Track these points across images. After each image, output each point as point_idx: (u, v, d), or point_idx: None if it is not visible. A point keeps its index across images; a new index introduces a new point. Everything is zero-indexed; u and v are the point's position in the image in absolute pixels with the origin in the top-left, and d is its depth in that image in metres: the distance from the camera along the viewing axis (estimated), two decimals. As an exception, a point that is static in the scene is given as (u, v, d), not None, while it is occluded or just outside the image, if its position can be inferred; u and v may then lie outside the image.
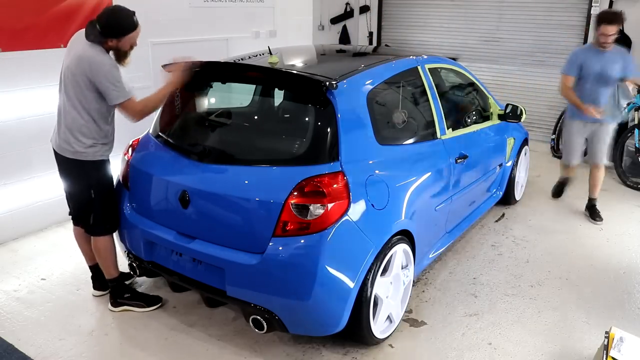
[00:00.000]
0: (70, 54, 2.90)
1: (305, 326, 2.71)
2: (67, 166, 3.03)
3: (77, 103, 2.87)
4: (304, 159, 2.68)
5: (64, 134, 2.95)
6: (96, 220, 3.08)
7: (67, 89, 2.89)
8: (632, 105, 5.82)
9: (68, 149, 2.95)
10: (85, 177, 3.02)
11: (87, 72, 2.79)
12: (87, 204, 3.06)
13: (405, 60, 3.44)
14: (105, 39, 2.84)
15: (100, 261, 3.17)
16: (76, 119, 2.90)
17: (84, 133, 2.92)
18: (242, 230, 2.65)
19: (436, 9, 7.83)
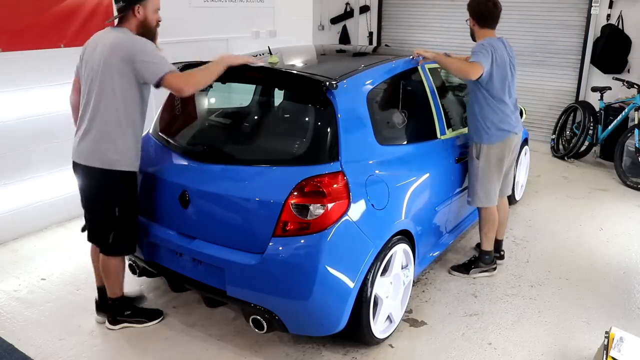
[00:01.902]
0: (96, 50, 2.68)
1: (305, 326, 2.71)
2: (93, 178, 2.75)
3: (116, 99, 2.63)
4: (304, 159, 2.68)
5: (93, 142, 2.68)
6: (116, 240, 2.83)
7: (98, 87, 2.64)
8: (632, 106, 5.83)
9: (98, 157, 2.68)
10: (113, 190, 2.76)
11: (124, 55, 2.57)
12: (109, 222, 2.80)
13: (405, 60, 3.44)
14: (131, 10, 2.66)
15: (109, 281, 2.95)
16: (110, 121, 2.65)
17: (120, 136, 2.68)
18: (242, 230, 2.65)
19: (436, 9, 7.83)
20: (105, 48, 2.63)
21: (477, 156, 3.51)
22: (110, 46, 2.62)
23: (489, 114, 3.41)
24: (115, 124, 2.67)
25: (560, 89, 7.11)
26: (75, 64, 4.12)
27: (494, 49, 3.32)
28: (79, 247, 3.99)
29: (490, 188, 3.54)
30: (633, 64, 6.43)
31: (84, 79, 2.75)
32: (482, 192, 3.55)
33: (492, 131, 3.43)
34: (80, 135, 2.75)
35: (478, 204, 3.61)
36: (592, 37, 6.67)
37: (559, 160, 6.52)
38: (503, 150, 3.50)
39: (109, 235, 2.83)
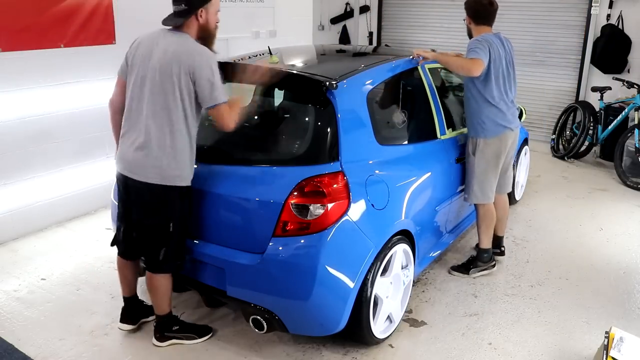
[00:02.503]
0: (152, 55, 2.49)
1: (305, 326, 2.71)
2: (151, 194, 2.57)
3: (175, 113, 2.47)
4: (304, 159, 2.68)
5: (151, 157, 2.50)
6: (167, 257, 2.68)
7: (155, 97, 2.47)
8: (632, 106, 5.83)
9: (157, 173, 2.51)
10: (170, 207, 2.61)
11: (189, 67, 2.42)
12: (162, 238, 2.65)
13: (405, 60, 3.44)
14: (194, 12, 2.49)
15: (156, 299, 2.81)
16: (170, 134, 2.49)
17: (179, 150, 2.52)
18: (242, 230, 2.65)
19: (436, 9, 7.83)
20: (166, 55, 2.46)
21: (472, 152, 3.51)
22: (172, 54, 2.45)
23: (484, 108, 3.41)
24: (176, 139, 2.51)
25: (560, 89, 7.11)
26: (74, 64, 4.19)
27: (489, 44, 3.31)
28: (79, 247, 3.99)
29: (486, 184, 3.53)
30: (633, 64, 6.43)
31: (133, 83, 2.56)
32: (477, 188, 3.55)
33: (488, 125, 3.43)
34: (131, 147, 2.55)
35: (474, 201, 3.61)
36: (592, 37, 6.67)
37: (559, 160, 6.52)
38: (499, 146, 3.48)
39: (159, 251, 2.67)
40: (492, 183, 3.56)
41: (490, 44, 3.32)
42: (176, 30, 2.56)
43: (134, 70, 2.56)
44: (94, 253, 3.89)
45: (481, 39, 3.34)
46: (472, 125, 3.50)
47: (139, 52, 2.58)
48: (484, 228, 3.68)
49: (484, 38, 3.35)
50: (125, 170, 2.61)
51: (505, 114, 3.46)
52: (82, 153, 4.42)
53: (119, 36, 4.41)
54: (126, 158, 2.59)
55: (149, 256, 2.73)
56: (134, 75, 2.56)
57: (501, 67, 3.38)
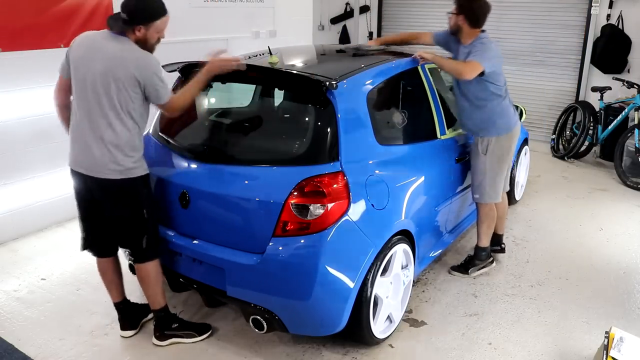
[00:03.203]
0: (95, 57, 2.53)
1: (305, 326, 2.71)
2: (113, 190, 2.64)
3: (122, 112, 2.54)
4: (304, 159, 2.68)
5: (106, 153, 2.56)
6: (150, 243, 2.75)
7: (103, 98, 2.52)
8: (632, 106, 5.83)
9: (115, 168, 2.58)
10: (137, 196, 2.68)
11: (134, 70, 2.49)
12: (139, 228, 2.72)
13: (405, 60, 3.44)
14: (132, 28, 2.53)
15: (149, 290, 2.84)
16: (121, 132, 2.56)
17: (133, 146, 2.61)
18: (242, 230, 2.65)
19: (436, 9, 7.82)
20: (111, 60, 2.51)
21: (484, 151, 3.51)
22: (115, 59, 2.50)
23: (497, 106, 3.44)
24: (128, 137, 2.58)
25: (560, 89, 7.11)
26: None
27: (495, 44, 3.37)
28: (79, 247, 3.98)
29: (499, 182, 3.58)
30: (633, 64, 6.43)
31: (77, 84, 2.60)
32: (491, 188, 3.56)
33: (500, 123, 3.47)
34: (85, 147, 2.60)
35: (487, 200, 3.60)
36: (592, 37, 6.67)
37: (559, 160, 6.52)
38: (510, 142, 3.55)
39: (141, 240, 2.73)
40: (502, 180, 3.62)
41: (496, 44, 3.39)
42: (119, 34, 2.58)
43: (78, 71, 2.58)
44: (94, 253, 3.89)
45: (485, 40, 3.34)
46: (482, 126, 3.49)
47: (80, 54, 2.59)
48: (484, 227, 3.69)
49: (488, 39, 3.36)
50: (84, 169, 2.64)
51: (510, 107, 3.56)
52: (82, 153, 4.41)
53: (119, 36, 4.41)
54: (82, 158, 2.63)
55: (133, 248, 2.81)
56: (78, 76, 2.58)
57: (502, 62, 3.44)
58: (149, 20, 2.55)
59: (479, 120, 3.50)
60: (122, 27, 2.55)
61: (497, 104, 3.45)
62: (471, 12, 3.36)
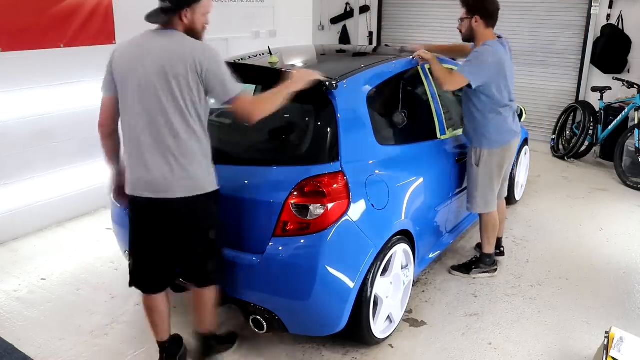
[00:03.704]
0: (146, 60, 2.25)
1: (305, 326, 2.71)
2: (182, 210, 2.33)
3: (188, 114, 2.25)
4: (304, 159, 2.68)
5: (175, 167, 2.26)
6: (214, 266, 2.50)
7: (165, 102, 2.23)
8: (632, 106, 5.83)
9: (186, 184, 2.29)
10: (207, 215, 2.41)
11: (196, 65, 2.20)
12: (206, 250, 2.45)
13: (405, 60, 3.44)
14: (178, 13, 2.26)
15: (207, 314, 2.61)
16: (190, 139, 2.27)
17: (205, 154, 2.33)
18: (242, 230, 2.65)
19: (436, 9, 7.83)
20: (167, 56, 2.23)
21: (476, 162, 3.44)
22: (170, 54, 2.23)
23: (491, 119, 3.34)
24: (196, 143, 2.29)
25: (560, 89, 7.11)
26: (74, 64, 4.19)
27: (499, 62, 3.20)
28: (79, 247, 3.99)
29: (489, 194, 3.50)
30: (633, 64, 6.43)
31: (128, 96, 2.29)
32: (481, 199, 3.51)
33: (493, 136, 3.37)
34: (147, 166, 2.28)
35: (477, 210, 3.58)
36: (592, 37, 6.67)
37: (559, 160, 6.52)
38: (504, 156, 3.45)
39: (206, 264, 2.48)
40: (494, 192, 3.53)
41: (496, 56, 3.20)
42: (165, 29, 2.32)
43: (127, 83, 2.29)
44: (94, 253, 3.89)
45: (486, 52, 3.19)
46: (476, 136, 3.42)
47: (126, 63, 2.31)
48: (486, 235, 3.66)
49: (491, 50, 3.20)
50: (150, 191, 2.30)
51: (510, 120, 3.42)
52: (82, 153, 4.41)
53: (119, 36, 4.41)
54: (145, 180, 2.30)
55: (196, 272, 2.52)
56: (129, 88, 2.29)
57: (505, 74, 3.29)
58: (191, 2, 2.27)
59: (474, 128, 3.43)
60: (166, 18, 2.29)
61: (492, 117, 3.33)
62: (484, 10, 3.25)
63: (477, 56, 3.21)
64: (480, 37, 3.30)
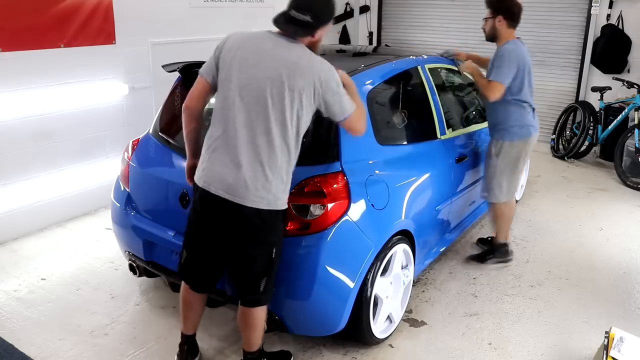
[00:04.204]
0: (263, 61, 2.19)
1: (305, 326, 2.71)
2: (253, 221, 2.25)
3: (289, 128, 2.19)
4: (304, 159, 2.67)
5: (260, 177, 2.19)
6: (267, 286, 2.38)
7: (271, 111, 2.16)
8: (632, 106, 5.83)
9: (264, 196, 2.21)
10: (274, 232, 2.32)
11: (317, 82, 2.16)
12: (263, 268, 2.34)
13: (405, 60, 3.44)
14: (315, 30, 2.23)
15: (253, 334, 2.48)
16: (282, 152, 2.21)
17: (288, 171, 2.27)
18: (242, 230, 2.65)
19: (436, 9, 7.83)
20: (289, 66, 2.17)
21: (496, 154, 3.59)
22: (297, 65, 2.17)
23: (513, 112, 3.50)
24: (287, 158, 2.25)
25: (560, 89, 7.11)
26: (74, 64, 4.19)
27: (520, 57, 3.38)
28: (79, 247, 3.99)
29: (506, 185, 3.63)
30: (633, 64, 6.43)
31: (232, 90, 2.22)
32: (498, 188, 3.64)
33: (515, 129, 3.52)
34: (231, 165, 2.22)
35: (492, 199, 3.70)
36: (592, 37, 6.67)
37: (559, 160, 6.52)
38: (523, 148, 3.58)
39: (260, 282, 2.35)
40: (511, 183, 3.66)
41: (521, 56, 3.40)
42: (289, 38, 2.26)
43: (232, 76, 2.22)
44: (94, 253, 3.89)
45: (512, 51, 3.36)
46: (498, 129, 3.58)
47: (239, 55, 2.23)
48: (500, 224, 3.78)
49: (515, 52, 3.37)
50: (226, 192, 2.22)
51: (531, 115, 3.58)
52: (82, 153, 4.42)
53: (119, 36, 4.42)
54: (228, 180, 2.22)
55: (247, 289, 2.39)
56: (233, 80, 2.22)
57: (526, 71, 3.47)
58: (330, 19, 2.28)
59: (494, 122, 3.62)
60: (302, 32, 2.23)
61: (513, 110, 3.50)
62: (509, 11, 3.42)
63: (501, 58, 3.38)
64: (502, 36, 3.47)
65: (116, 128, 4.56)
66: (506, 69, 3.34)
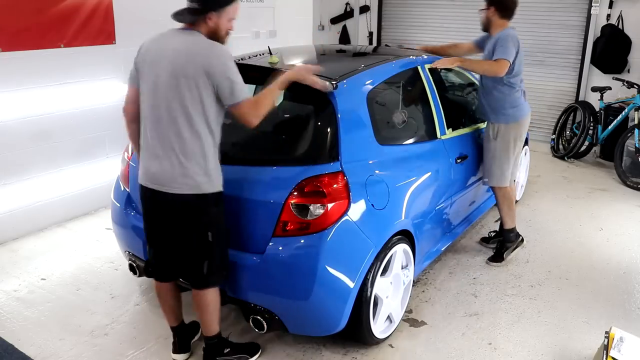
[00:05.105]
0: (163, 56, 2.33)
1: (305, 326, 2.71)
2: (179, 207, 2.41)
3: (193, 116, 2.30)
4: (304, 159, 2.68)
5: (176, 165, 2.34)
6: (211, 269, 2.49)
7: (172, 102, 2.30)
8: (632, 106, 5.83)
9: (187, 182, 2.35)
10: (205, 215, 2.43)
11: (203, 63, 2.25)
12: (202, 251, 2.47)
13: (405, 60, 3.44)
14: (204, 16, 2.33)
15: (205, 317, 2.60)
16: (192, 140, 2.33)
17: (205, 155, 2.36)
18: (242, 230, 2.65)
19: (436, 9, 7.83)
20: (179, 56, 2.29)
21: (494, 136, 3.71)
22: (186, 53, 2.29)
23: (508, 95, 3.64)
24: (200, 144, 2.35)
25: (560, 89, 7.11)
26: (74, 64, 4.19)
27: (518, 41, 3.52)
28: (79, 247, 3.99)
29: (505, 167, 3.75)
30: (633, 64, 6.43)
31: (147, 90, 2.38)
32: (498, 171, 3.75)
33: (510, 111, 3.67)
34: (154, 158, 2.39)
35: (494, 183, 3.80)
36: (592, 37, 6.67)
37: (559, 160, 6.52)
38: (519, 130, 3.74)
39: (202, 265, 2.48)
40: (510, 166, 3.78)
41: (517, 40, 3.52)
42: (187, 29, 2.39)
43: (146, 77, 2.39)
44: (94, 253, 3.89)
45: (510, 35, 3.49)
46: (494, 113, 3.70)
47: (149, 57, 2.40)
48: (505, 209, 3.88)
49: (512, 35, 3.50)
50: (152, 183, 2.42)
51: (523, 98, 3.75)
52: (82, 153, 4.42)
53: (119, 36, 4.42)
54: (151, 171, 2.41)
55: (193, 273, 2.54)
56: (147, 82, 2.39)
57: (522, 57, 3.61)
58: (222, 5, 2.36)
59: (490, 107, 3.71)
60: (192, 18, 2.35)
61: (509, 93, 3.64)
62: (501, 3, 3.57)
63: (505, 39, 3.48)
64: (495, 26, 3.62)
65: (116, 128, 4.54)
66: (511, 49, 3.46)
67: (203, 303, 2.57)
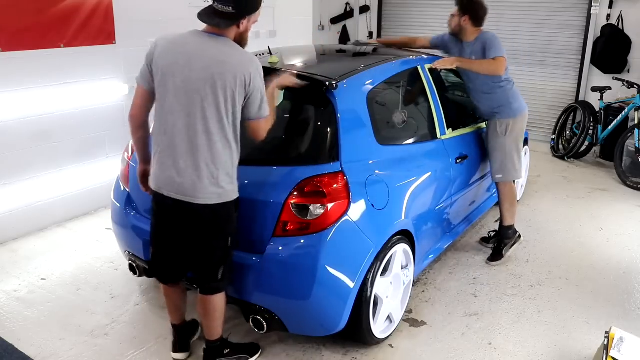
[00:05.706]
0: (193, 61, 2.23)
1: (305, 326, 2.71)
2: (207, 216, 2.36)
3: (227, 125, 2.27)
4: (304, 159, 2.68)
5: (207, 175, 2.28)
6: (225, 274, 2.48)
7: (208, 110, 2.22)
8: (632, 106, 5.83)
9: (215, 192, 2.31)
10: (227, 223, 2.42)
11: (246, 78, 2.22)
12: (220, 257, 2.45)
13: (405, 60, 3.44)
14: (238, 20, 2.25)
15: (212, 322, 2.58)
16: (224, 149, 2.29)
17: (233, 164, 2.35)
18: (242, 230, 2.64)
19: (436, 9, 7.83)
20: (217, 64, 2.21)
21: (503, 133, 3.77)
22: (222, 63, 2.22)
23: (509, 90, 3.75)
24: (229, 153, 2.32)
25: (560, 89, 7.11)
26: (74, 64, 4.19)
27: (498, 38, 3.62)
28: (79, 247, 3.99)
29: (518, 160, 3.83)
30: (633, 64, 6.43)
31: (169, 95, 2.27)
32: (512, 166, 3.80)
33: (515, 105, 3.76)
34: (176, 167, 2.30)
35: (510, 178, 3.85)
36: (592, 37, 6.67)
37: (559, 160, 6.52)
38: (523, 121, 3.85)
39: (217, 271, 2.46)
40: (521, 158, 3.90)
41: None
42: (215, 34, 2.29)
43: (167, 81, 2.27)
44: (94, 253, 3.89)
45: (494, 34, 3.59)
46: (499, 110, 3.76)
47: (168, 59, 2.27)
48: (507, 206, 3.92)
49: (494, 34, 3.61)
50: (176, 193, 2.33)
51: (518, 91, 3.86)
52: (82, 153, 4.42)
53: (119, 36, 4.41)
54: (175, 181, 2.31)
55: (206, 278, 2.49)
56: (168, 86, 2.27)
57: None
58: (255, 10, 2.30)
59: (495, 105, 3.75)
60: (228, 24, 2.25)
61: (509, 88, 3.74)
62: (475, 13, 3.63)
63: (491, 39, 3.57)
64: (469, 33, 3.67)
65: (116, 128, 4.56)
66: (500, 46, 3.55)
67: (212, 308, 2.54)
